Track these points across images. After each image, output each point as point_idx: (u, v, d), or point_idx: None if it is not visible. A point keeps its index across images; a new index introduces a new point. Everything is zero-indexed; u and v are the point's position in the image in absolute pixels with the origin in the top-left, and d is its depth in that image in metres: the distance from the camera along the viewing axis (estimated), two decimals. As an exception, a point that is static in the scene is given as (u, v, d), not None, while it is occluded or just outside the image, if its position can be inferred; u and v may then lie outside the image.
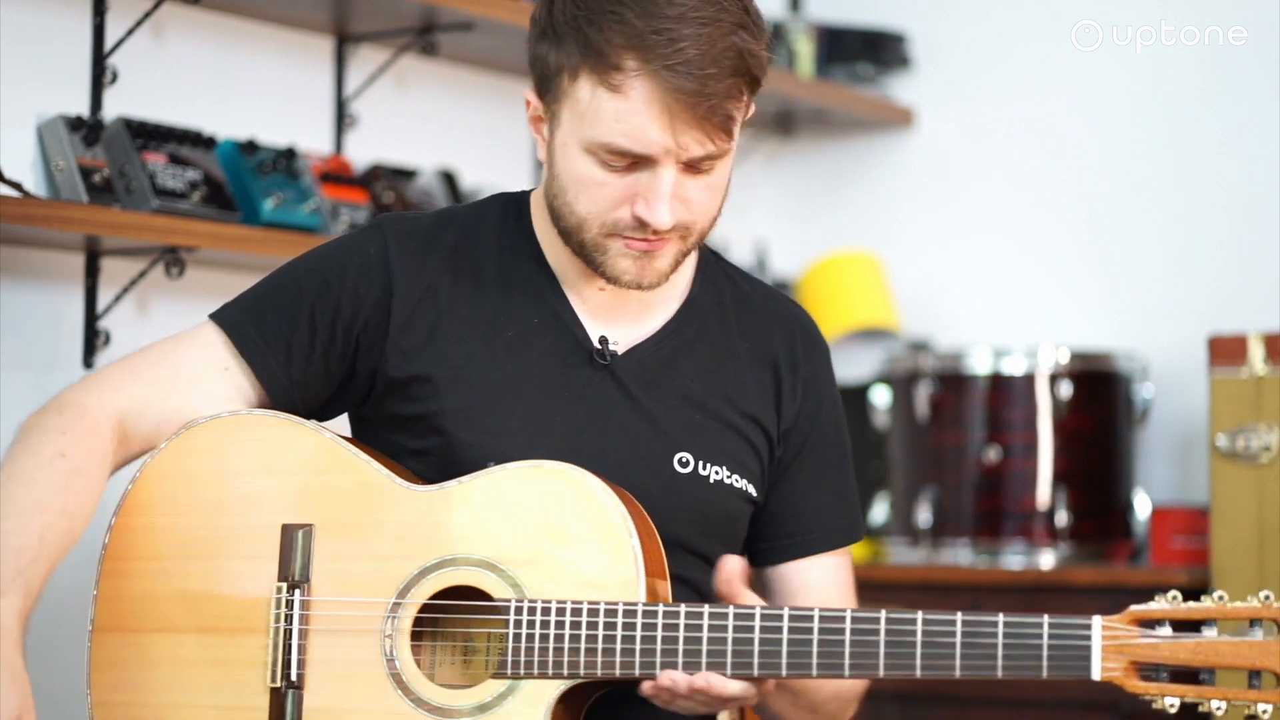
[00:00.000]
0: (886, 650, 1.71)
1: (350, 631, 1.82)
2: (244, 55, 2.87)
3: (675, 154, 1.81)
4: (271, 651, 1.84)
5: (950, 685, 3.18)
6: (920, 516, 3.35)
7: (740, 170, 3.85)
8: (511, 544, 1.80)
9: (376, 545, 1.83)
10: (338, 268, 1.94)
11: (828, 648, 1.72)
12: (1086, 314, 3.64)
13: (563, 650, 1.76)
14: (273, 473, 1.87)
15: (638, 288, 1.89)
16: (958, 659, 1.70)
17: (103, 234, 2.47)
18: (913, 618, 1.70)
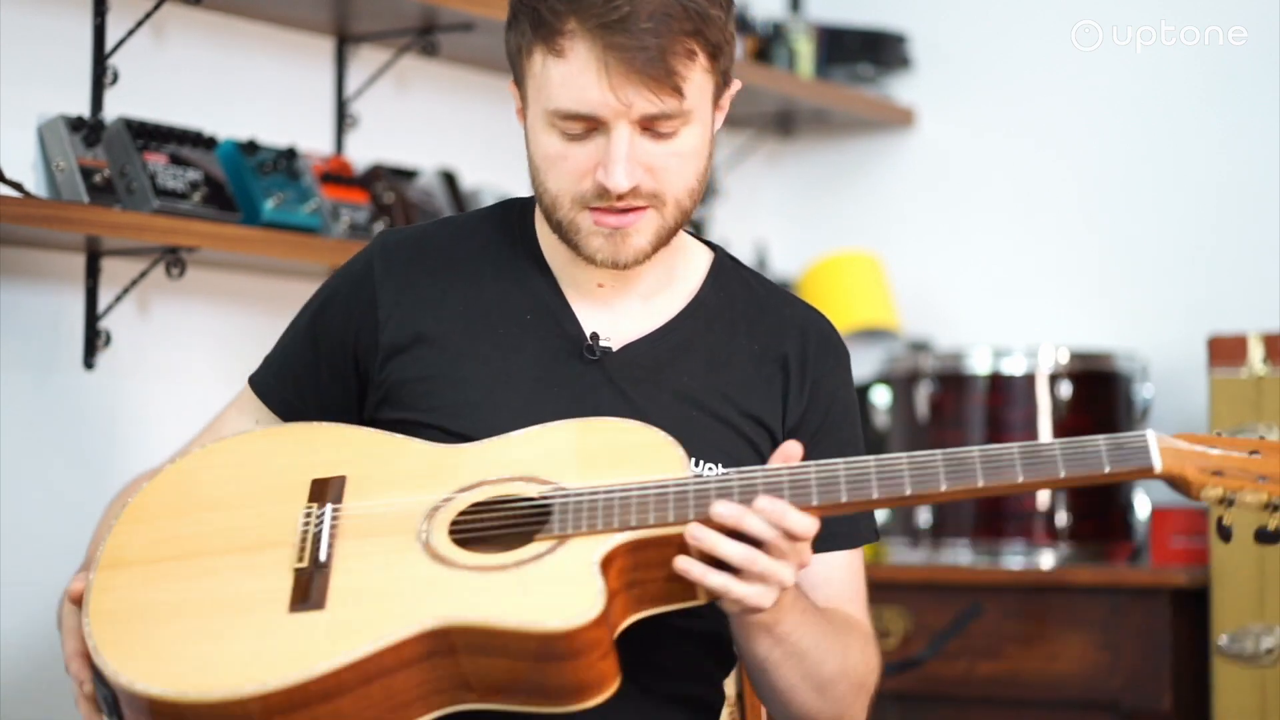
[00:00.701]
0: (946, 466, 1.73)
1: (383, 531, 1.76)
2: (245, 56, 2.88)
3: (624, 113, 1.81)
4: (298, 543, 1.76)
5: (951, 685, 3.18)
6: (920, 516, 3.35)
7: (740, 170, 3.88)
8: (549, 463, 1.78)
9: (407, 482, 1.80)
10: (331, 293, 2.00)
11: (887, 471, 1.74)
12: (1086, 314, 3.64)
13: (612, 507, 1.73)
14: (299, 453, 1.86)
15: (615, 266, 1.88)
16: (1018, 466, 1.73)
17: (103, 234, 2.47)
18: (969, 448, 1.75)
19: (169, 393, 2.75)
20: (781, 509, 1.70)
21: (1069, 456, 1.73)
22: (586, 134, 1.83)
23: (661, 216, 1.87)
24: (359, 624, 1.67)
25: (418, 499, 1.78)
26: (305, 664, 1.64)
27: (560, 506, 1.74)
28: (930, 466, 1.74)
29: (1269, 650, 2.99)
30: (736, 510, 1.70)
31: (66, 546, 2.61)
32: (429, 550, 1.73)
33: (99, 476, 2.65)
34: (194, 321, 2.79)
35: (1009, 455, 1.74)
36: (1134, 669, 3.08)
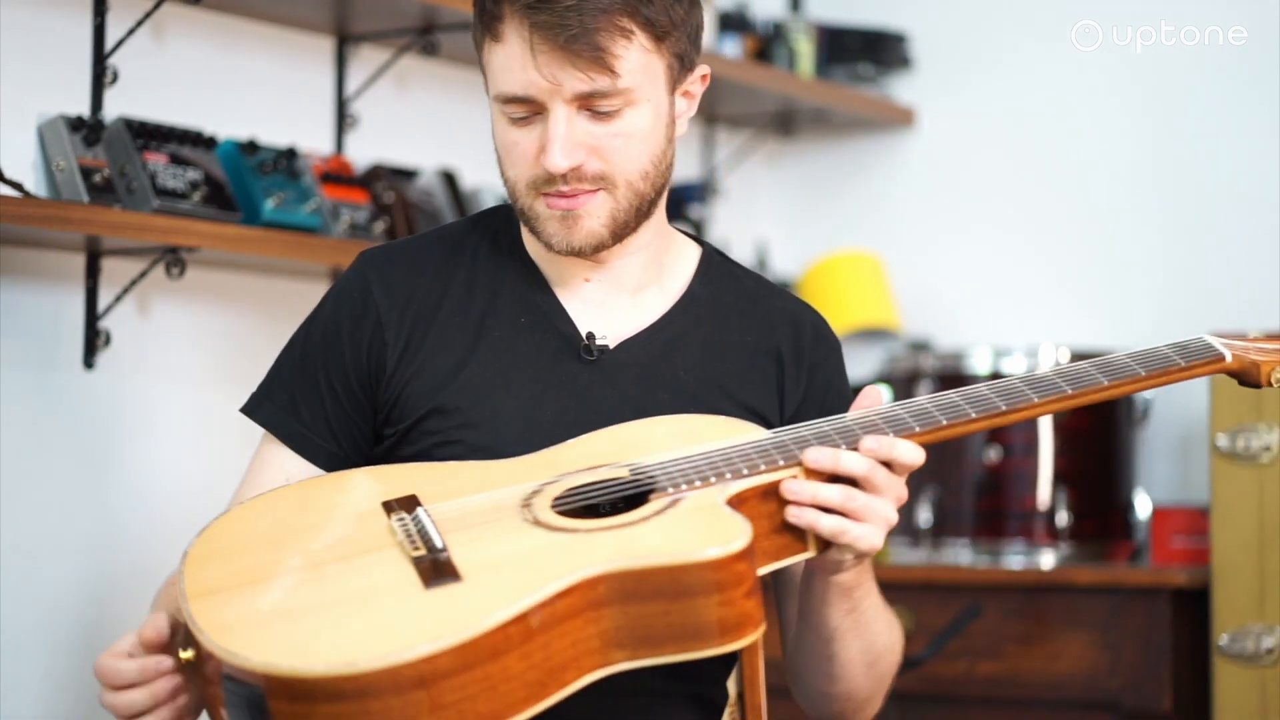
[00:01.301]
0: (1028, 385, 1.82)
1: (484, 520, 1.71)
2: (244, 55, 2.87)
3: (556, 92, 1.83)
4: (402, 542, 1.68)
5: (951, 685, 3.18)
6: (921, 516, 3.35)
7: (740, 170, 3.88)
8: (625, 451, 1.77)
9: (481, 488, 1.76)
10: (334, 325, 1.96)
11: (972, 396, 1.81)
12: (1086, 314, 3.64)
13: (715, 465, 1.72)
14: (354, 489, 1.80)
15: (570, 251, 1.89)
16: (1098, 374, 1.84)
17: (103, 234, 2.47)
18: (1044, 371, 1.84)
19: (169, 393, 2.74)
20: (889, 442, 1.73)
21: (1142, 361, 1.87)
22: (530, 118, 1.86)
23: (614, 199, 1.87)
24: (508, 585, 1.60)
25: (503, 493, 1.74)
26: (472, 620, 1.55)
27: (663, 473, 1.72)
28: (1013, 388, 1.82)
29: (1269, 650, 2.99)
30: (831, 454, 1.71)
31: (66, 546, 2.61)
32: (542, 525, 1.68)
33: (99, 476, 2.65)
34: (194, 321, 2.79)
35: (1084, 369, 1.84)
36: (1134, 669, 3.08)
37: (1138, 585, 3.12)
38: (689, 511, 1.68)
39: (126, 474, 2.69)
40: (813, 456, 1.72)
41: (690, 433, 1.78)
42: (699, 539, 1.63)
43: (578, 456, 1.78)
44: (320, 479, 1.83)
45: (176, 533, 2.73)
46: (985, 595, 3.18)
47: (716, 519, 1.66)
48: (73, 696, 2.61)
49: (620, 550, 1.63)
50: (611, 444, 1.79)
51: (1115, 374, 1.84)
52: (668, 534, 1.65)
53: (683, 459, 1.74)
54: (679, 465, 1.73)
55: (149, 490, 2.71)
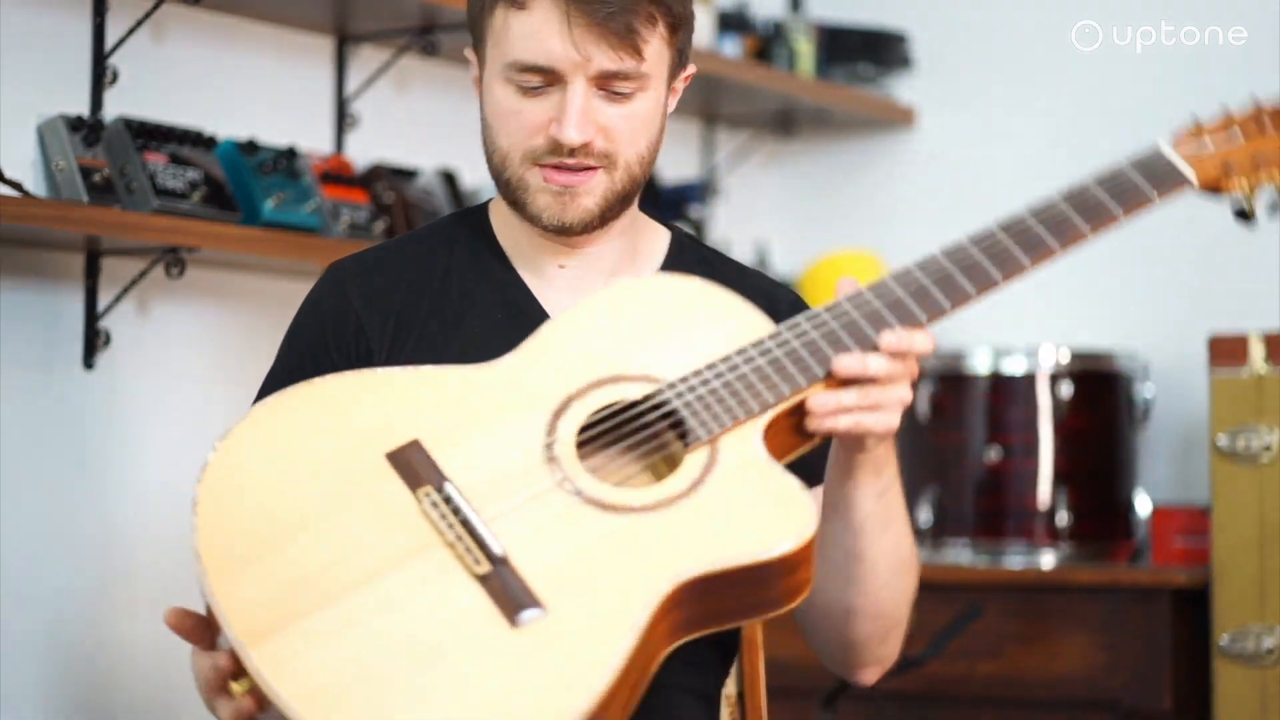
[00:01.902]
0: (1012, 239, 1.87)
1: (518, 491, 1.63)
2: (244, 55, 2.87)
3: (582, 67, 1.84)
4: (449, 540, 1.58)
5: (951, 685, 3.18)
6: (920, 516, 3.35)
7: (741, 170, 3.88)
8: (621, 351, 1.70)
9: (487, 420, 1.67)
10: (318, 338, 1.95)
11: (961, 261, 1.81)
12: (1087, 314, 3.63)
13: (737, 391, 1.67)
14: (343, 427, 1.68)
15: (560, 227, 1.90)
16: (1076, 218, 1.88)
17: (103, 234, 2.47)
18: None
19: (169, 393, 2.74)
20: (907, 337, 1.72)
21: (1115, 195, 1.92)
22: (543, 88, 1.86)
23: (611, 179, 1.90)
24: (601, 620, 1.53)
25: (518, 439, 1.65)
26: (584, 689, 1.49)
27: (685, 406, 1.67)
28: (993, 242, 1.86)
29: (1270, 650, 2.99)
30: (859, 361, 1.70)
31: (66, 546, 2.61)
32: (587, 499, 1.62)
33: (98, 476, 2.65)
34: (194, 321, 2.78)
35: (1062, 214, 1.88)
36: (1134, 669, 3.08)
37: (1138, 585, 3.12)
38: (740, 476, 1.64)
39: (126, 474, 2.69)
40: (844, 365, 1.69)
41: (680, 313, 1.73)
42: (775, 530, 1.60)
43: (576, 362, 1.70)
44: (297, 401, 1.69)
45: (176, 533, 2.73)
46: (985, 595, 3.18)
47: (784, 499, 1.63)
48: (72, 696, 2.61)
49: (697, 550, 1.59)
50: (597, 337, 1.72)
51: (1094, 215, 1.89)
52: (740, 522, 1.61)
53: (697, 381, 1.68)
54: (698, 389, 1.68)
55: (148, 490, 2.70)
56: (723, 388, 1.68)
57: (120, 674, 2.66)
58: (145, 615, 2.68)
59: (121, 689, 2.66)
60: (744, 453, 1.65)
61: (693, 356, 1.70)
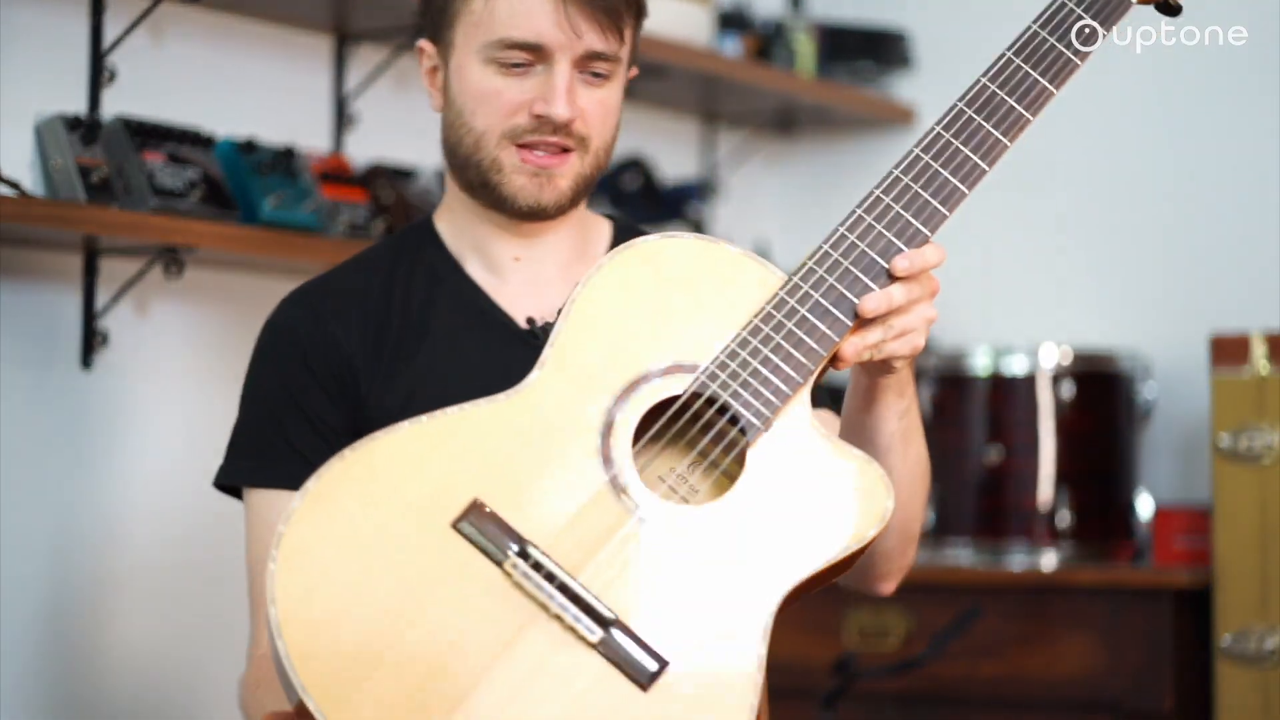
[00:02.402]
0: (982, 114, 1.89)
1: (602, 537, 1.57)
2: (243, 54, 2.87)
3: (570, 47, 1.89)
4: (565, 617, 1.53)
5: (952, 686, 3.17)
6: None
7: (741, 170, 3.87)
8: (643, 345, 1.64)
9: (542, 458, 1.59)
10: (301, 369, 1.95)
11: (940, 150, 1.80)
12: (1088, 314, 3.63)
13: (776, 366, 1.64)
14: (399, 492, 1.59)
15: (535, 208, 1.93)
16: (1040, 78, 1.93)
17: (101, 233, 2.46)
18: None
19: (167, 392, 2.73)
20: (918, 256, 1.72)
21: (1062, 40, 1.92)
22: (525, 68, 1.90)
23: (583, 163, 1.94)
24: (720, 653, 1.54)
25: (578, 476, 1.58)
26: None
27: (732, 395, 1.62)
28: (966, 121, 1.87)
29: (1272, 651, 2.98)
30: (884, 298, 1.69)
31: (64, 546, 2.60)
32: (669, 526, 1.57)
33: (96, 476, 2.64)
34: (192, 321, 2.78)
35: (1027, 81, 1.91)
36: (1136, 670, 3.07)
37: (1139, 586, 3.11)
38: (808, 462, 1.62)
39: (124, 474, 2.68)
40: (871, 307, 1.68)
41: (691, 288, 1.66)
42: (856, 516, 1.60)
43: (598, 368, 1.63)
44: (338, 477, 1.58)
45: (174, 533, 2.73)
46: (986, 596, 3.17)
47: (855, 479, 1.62)
48: (69, 696, 2.60)
49: (788, 556, 1.58)
50: (619, 332, 1.64)
51: (1051, 69, 1.95)
52: (817, 512, 1.60)
53: (734, 359, 1.64)
54: (739, 372, 1.63)
55: (146, 490, 2.70)
56: (761, 364, 1.64)
57: (118, 673, 2.65)
58: (143, 615, 2.68)
59: (119, 688, 2.65)
60: (802, 432, 1.63)
61: (715, 330, 1.65)
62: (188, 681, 2.74)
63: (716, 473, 1.66)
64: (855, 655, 3.05)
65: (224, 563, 2.74)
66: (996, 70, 1.84)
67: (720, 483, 1.65)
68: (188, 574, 2.74)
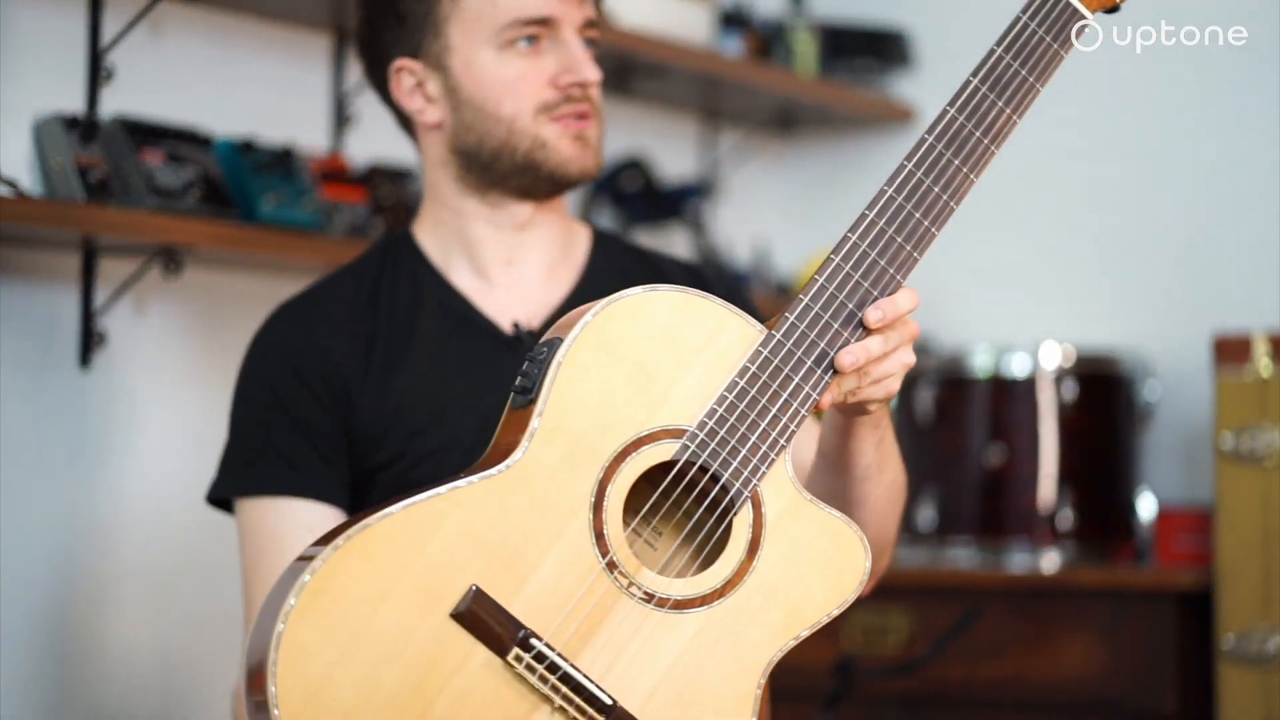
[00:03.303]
0: (950, 149, 1.88)
1: (607, 630, 1.60)
2: (242, 52, 2.86)
3: (573, 15, 1.98)
4: (569, 709, 1.57)
5: (953, 687, 3.16)
6: (923, 517, 3.34)
7: (742, 169, 3.86)
8: (631, 409, 1.61)
9: (537, 543, 1.58)
10: (294, 382, 1.96)
11: (910, 189, 1.76)
12: (1090, 314, 3.63)
13: (762, 430, 1.63)
14: (396, 579, 1.55)
15: (584, 172, 1.99)
16: (1004, 106, 1.91)
17: (99, 233, 2.45)
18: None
19: (165, 392, 2.73)
20: (890, 305, 1.68)
21: (1026, 65, 1.91)
22: (538, 44, 1.97)
23: (598, 129, 2.02)
24: None
25: (572, 556, 1.58)
26: None
27: (720, 463, 1.61)
28: (936, 158, 1.84)
29: (1275, 653, 2.98)
30: (862, 352, 1.67)
31: (62, 546, 2.60)
32: (660, 603, 1.60)
33: (94, 476, 2.64)
34: (190, 320, 2.77)
35: (989, 107, 1.88)
36: (1138, 672, 3.07)
37: (1141, 587, 3.11)
38: (791, 527, 1.63)
39: (122, 473, 2.67)
40: (849, 362, 1.66)
41: (674, 345, 1.63)
42: (839, 579, 1.65)
43: (589, 434, 1.60)
44: (335, 568, 1.54)
45: (172, 533, 2.72)
46: (987, 597, 3.17)
47: (835, 541, 1.65)
48: (67, 695, 2.59)
49: (776, 626, 1.63)
50: (608, 394, 1.61)
51: (1014, 97, 1.91)
52: (802, 579, 1.64)
53: (720, 423, 1.62)
54: (725, 437, 1.62)
55: (144, 490, 2.69)
56: (747, 430, 1.63)
57: (116, 672, 2.65)
58: (141, 613, 2.67)
59: (117, 688, 2.65)
60: (784, 495, 1.64)
61: (700, 389, 1.63)
62: (187, 680, 2.73)
63: (678, 514, 1.66)
64: (856, 656, 3.05)
65: (222, 561, 2.73)
66: (958, 127, 1.80)
67: (680, 522, 1.66)
68: (186, 573, 2.73)
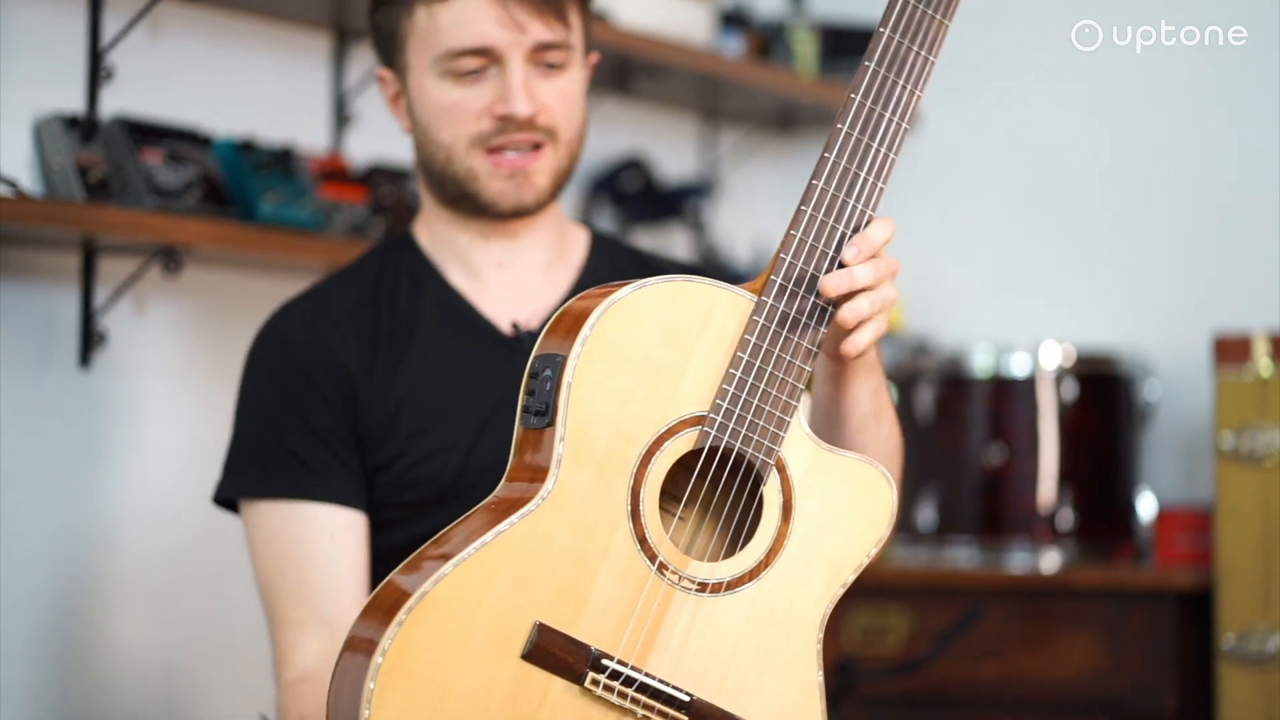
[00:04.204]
0: (890, 71, 1.70)
1: (669, 628, 1.62)
2: (241, 52, 2.86)
3: (518, 43, 1.91)
4: (652, 715, 1.60)
5: (953, 687, 3.16)
6: (923, 517, 3.33)
7: (742, 169, 3.86)
8: (645, 406, 1.61)
9: (585, 565, 1.60)
10: (303, 383, 1.96)
11: (862, 128, 1.72)
12: (1091, 314, 3.63)
13: (773, 396, 1.64)
14: (466, 635, 1.56)
15: (518, 207, 1.95)
16: (913, 47, 1.70)
17: (99, 232, 2.45)
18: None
19: (165, 391, 2.73)
20: (866, 241, 1.71)
21: None
22: (479, 73, 1.92)
23: (556, 155, 1.96)
24: (785, 696, 1.65)
25: (622, 565, 1.60)
26: None
27: (741, 440, 1.62)
28: (881, 82, 1.70)
29: (1275, 653, 2.97)
30: (846, 279, 1.68)
31: (62, 546, 2.59)
32: (712, 589, 1.63)
33: (94, 476, 2.63)
34: (190, 320, 2.77)
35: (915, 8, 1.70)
36: (1138, 672, 3.06)
37: (1141, 587, 3.11)
38: (817, 481, 1.66)
39: (122, 474, 2.67)
40: (833, 286, 1.67)
41: (675, 333, 1.63)
42: (870, 518, 1.67)
43: (611, 443, 1.60)
44: (405, 628, 1.54)
45: (172, 533, 2.72)
46: (988, 597, 3.17)
47: (857, 483, 1.67)
48: (67, 696, 2.59)
49: (822, 582, 1.65)
50: (621, 397, 1.61)
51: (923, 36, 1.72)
52: (837, 530, 1.66)
53: (732, 402, 1.62)
54: (740, 413, 1.63)
55: (144, 490, 2.69)
56: (759, 399, 1.64)
57: (115, 673, 2.64)
58: (141, 614, 2.67)
59: (117, 688, 2.65)
60: (805, 452, 1.66)
61: (706, 372, 1.63)
62: (186, 681, 2.73)
63: (714, 496, 1.68)
64: (856, 656, 3.05)
65: (222, 562, 2.73)
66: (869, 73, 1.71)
67: (716, 503, 1.68)
68: (186, 573, 2.73)
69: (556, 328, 1.64)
